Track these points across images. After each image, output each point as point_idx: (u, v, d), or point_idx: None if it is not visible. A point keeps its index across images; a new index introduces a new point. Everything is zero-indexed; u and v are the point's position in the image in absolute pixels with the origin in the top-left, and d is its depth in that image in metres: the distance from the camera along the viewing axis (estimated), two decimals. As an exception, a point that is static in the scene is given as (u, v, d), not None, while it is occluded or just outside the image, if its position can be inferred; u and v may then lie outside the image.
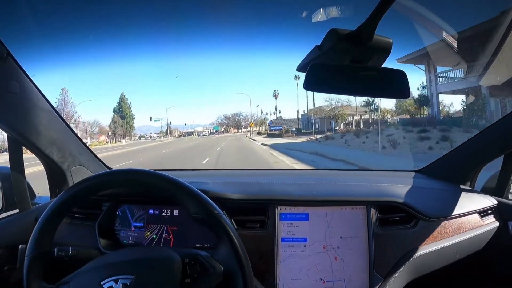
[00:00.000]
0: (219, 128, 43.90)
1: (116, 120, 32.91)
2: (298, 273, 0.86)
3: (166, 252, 0.60)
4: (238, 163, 9.46)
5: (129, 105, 35.69)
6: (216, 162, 9.20)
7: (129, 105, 35.69)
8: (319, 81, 0.59)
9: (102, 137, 30.27)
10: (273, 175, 1.37)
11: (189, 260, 0.59)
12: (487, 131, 1.09)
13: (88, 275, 0.58)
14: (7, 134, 0.86)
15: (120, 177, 0.65)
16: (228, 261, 0.60)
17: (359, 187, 0.99)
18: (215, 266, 0.59)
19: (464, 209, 0.96)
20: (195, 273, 0.59)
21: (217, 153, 12.42)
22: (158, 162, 10.55)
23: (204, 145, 19.29)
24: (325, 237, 0.87)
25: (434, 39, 1.09)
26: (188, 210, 0.63)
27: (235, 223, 0.87)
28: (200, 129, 46.45)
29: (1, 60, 0.72)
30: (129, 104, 35.68)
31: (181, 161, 10.64)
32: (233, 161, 9.68)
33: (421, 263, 0.89)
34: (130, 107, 35.53)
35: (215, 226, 0.62)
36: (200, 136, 41.45)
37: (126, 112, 33.98)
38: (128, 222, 0.90)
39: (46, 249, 0.61)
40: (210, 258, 0.60)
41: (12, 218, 0.92)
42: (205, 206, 0.62)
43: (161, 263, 0.58)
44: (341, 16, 0.97)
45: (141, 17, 1.62)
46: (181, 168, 2.40)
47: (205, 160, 9.79)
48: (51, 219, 0.62)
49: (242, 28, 1.64)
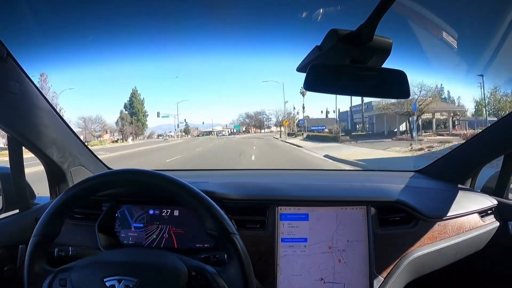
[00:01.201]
0: (240, 127, 39.82)
1: (123, 117, 30.34)
2: (300, 269, 0.86)
3: (173, 260, 0.60)
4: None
5: (142, 101, 32.46)
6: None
7: (142, 101, 32.46)
8: (319, 82, 0.59)
9: (106, 135, 26.46)
10: (273, 175, 1.37)
11: (196, 273, 0.59)
12: (487, 131, 1.09)
13: (91, 268, 0.58)
14: (7, 134, 0.86)
15: (145, 178, 0.64)
16: (235, 282, 0.59)
17: (359, 187, 0.99)
18: (220, 284, 0.58)
19: (464, 209, 0.96)
20: (200, 287, 0.59)
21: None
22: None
23: (225, 150, 13.79)
24: (332, 238, 0.87)
25: (434, 39, 1.09)
26: (201, 222, 0.62)
27: (235, 223, 0.87)
28: (220, 128, 42.43)
29: (1, 61, 0.72)
30: (141, 100, 32.39)
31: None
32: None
33: (421, 263, 0.89)
34: (142, 103, 32.34)
35: (227, 246, 0.61)
36: (219, 136, 37.54)
37: (138, 109, 31.29)
38: (128, 223, 0.90)
39: (54, 233, 0.62)
40: (217, 276, 0.59)
41: (12, 218, 0.92)
42: (222, 225, 0.61)
43: (167, 271, 0.58)
44: (341, 16, 0.97)
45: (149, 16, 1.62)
46: (181, 169, 2.40)
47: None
48: (66, 203, 0.62)
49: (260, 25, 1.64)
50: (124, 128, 29.56)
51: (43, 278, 0.58)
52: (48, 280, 0.57)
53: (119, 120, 30.21)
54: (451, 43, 1.05)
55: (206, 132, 41.37)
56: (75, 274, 0.57)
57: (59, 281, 0.57)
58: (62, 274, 0.57)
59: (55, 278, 0.57)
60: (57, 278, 0.57)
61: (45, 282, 0.57)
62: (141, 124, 31.59)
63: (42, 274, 0.58)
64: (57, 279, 0.57)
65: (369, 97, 0.73)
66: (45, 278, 0.58)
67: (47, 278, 0.57)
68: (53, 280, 0.57)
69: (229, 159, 10.03)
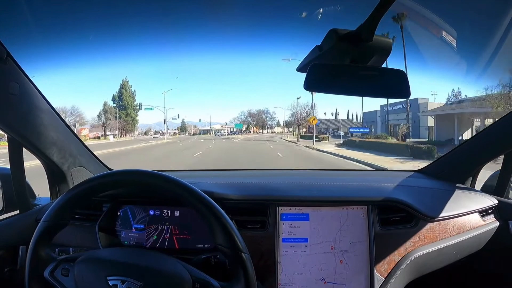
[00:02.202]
0: (242, 126, 35.46)
1: (107, 110, 25.84)
2: (301, 269, 0.86)
3: (178, 269, 0.59)
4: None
5: (133, 93, 27.46)
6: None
7: (133, 93, 27.46)
8: (320, 81, 0.59)
9: (84, 130, 22.94)
10: (274, 176, 1.37)
11: (200, 286, 0.58)
12: (487, 131, 1.09)
13: (95, 264, 0.58)
14: (7, 135, 0.86)
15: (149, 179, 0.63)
16: None
17: (359, 187, 0.99)
18: None
19: (465, 208, 0.96)
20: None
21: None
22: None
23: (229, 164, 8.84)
24: (335, 238, 0.87)
25: (434, 39, 1.09)
26: (213, 236, 0.61)
27: (235, 223, 0.87)
28: (218, 126, 38.97)
29: (1, 61, 0.72)
30: (132, 92, 27.36)
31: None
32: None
33: (421, 263, 0.89)
34: (133, 96, 27.41)
35: (236, 263, 0.60)
36: (217, 135, 33.60)
37: (127, 102, 27.15)
38: (128, 223, 0.90)
39: (62, 222, 0.62)
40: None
41: (12, 219, 0.92)
42: (234, 242, 0.60)
43: (172, 279, 0.57)
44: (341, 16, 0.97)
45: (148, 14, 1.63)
46: (181, 169, 2.40)
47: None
48: (79, 195, 0.62)
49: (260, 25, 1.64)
50: (107, 123, 25.27)
51: (46, 264, 0.58)
52: (50, 268, 0.57)
53: (101, 113, 25.55)
54: (451, 42, 1.05)
55: (203, 131, 38.17)
56: (79, 268, 0.57)
57: (62, 270, 0.57)
58: (65, 264, 0.58)
59: (57, 267, 0.57)
60: (60, 267, 0.57)
61: (47, 269, 0.57)
62: (131, 119, 27.43)
63: (45, 260, 0.58)
64: (59, 268, 0.57)
65: (369, 97, 0.73)
66: (47, 265, 0.58)
67: (49, 266, 0.58)
68: (54, 268, 0.57)
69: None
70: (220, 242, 0.61)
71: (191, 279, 0.58)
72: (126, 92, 27.40)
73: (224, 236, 0.60)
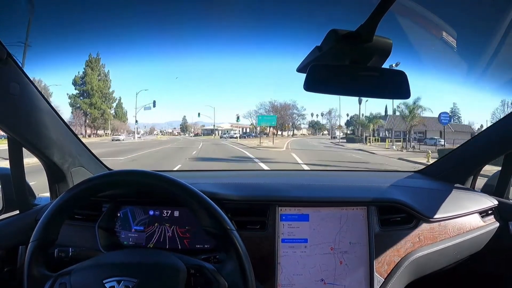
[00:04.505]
0: (270, 121, 22.16)
1: (76, 103, 17.04)
2: (301, 269, 0.86)
3: (172, 260, 0.60)
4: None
5: (106, 76, 17.88)
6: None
7: (106, 76, 17.88)
8: (319, 82, 0.59)
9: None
10: (274, 176, 1.37)
11: (195, 271, 0.59)
12: (487, 132, 1.09)
13: (90, 271, 0.58)
14: (7, 135, 0.86)
15: (142, 179, 0.64)
16: (234, 277, 0.59)
17: (359, 188, 0.99)
18: (220, 281, 0.59)
19: (465, 209, 0.96)
20: (199, 285, 0.59)
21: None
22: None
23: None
24: (334, 239, 0.87)
25: (434, 39, 1.09)
26: (199, 221, 0.62)
27: (235, 224, 0.87)
28: (227, 126, 29.04)
29: (1, 62, 0.72)
30: (105, 75, 17.95)
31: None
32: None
33: (421, 263, 0.88)
34: (106, 80, 18.04)
35: (225, 242, 0.61)
36: (225, 137, 23.98)
37: (93, 86, 17.43)
38: (128, 223, 0.90)
39: (52, 239, 0.61)
40: (216, 273, 0.59)
41: (12, 219, 0.91)
42: (218, 221, 0.61)
43: (166, 270, 0.58)
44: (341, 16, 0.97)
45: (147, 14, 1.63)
46: (181, 169, 2.40)
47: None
48: (65, 205, 0.62)
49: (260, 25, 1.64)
50: (74, 121, 18.31)
51: (42, 282, 0.58)
52: (48, 285, 0.57)
53: (71, 104, 17.29)
54: (451, 43, 1.05)
55: (208, 131, 29.74)
56: (75, 278, 0.56)
57: (59, 286, 0.56)
58: (62, 278, 0.57)
59: (55, 282, 0.57)
60: (57, 282, 0.57)
61: (45, 286, 0.57)
62: (99, 113, 18.16)
63: (41, 279, 0.58)
64: (57, 283, 0.57)
65: (369, 97, 0.73)
66: (44, 283, 0.57)
67: (47, 283, 0.57)
68: (52, 284, 0.57)
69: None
70: (207, 224, 0.62)
71: (185, 266, 0.59)
72: (92, 73, 17.92)
73: (207, 217, 0.61)
